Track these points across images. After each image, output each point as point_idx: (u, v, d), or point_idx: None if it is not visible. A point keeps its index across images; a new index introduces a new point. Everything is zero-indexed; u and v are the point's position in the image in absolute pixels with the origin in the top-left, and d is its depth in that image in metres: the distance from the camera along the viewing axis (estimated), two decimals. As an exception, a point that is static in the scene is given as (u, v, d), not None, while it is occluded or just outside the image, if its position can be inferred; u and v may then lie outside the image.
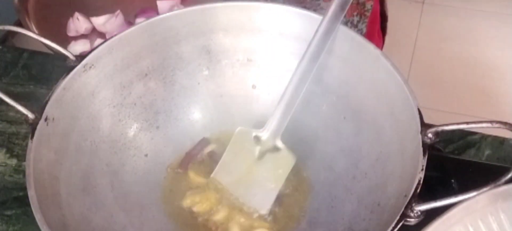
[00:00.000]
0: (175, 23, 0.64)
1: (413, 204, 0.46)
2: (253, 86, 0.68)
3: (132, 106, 0.65)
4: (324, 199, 0.61)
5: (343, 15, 0.59)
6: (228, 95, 0.68)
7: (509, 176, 0.45)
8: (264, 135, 0.61)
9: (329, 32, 0.59)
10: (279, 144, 0.61)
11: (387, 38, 1.05)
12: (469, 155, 0.69)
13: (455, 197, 0.45)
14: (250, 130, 0.62)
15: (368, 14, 0.93)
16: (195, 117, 0.68)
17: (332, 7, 0.58)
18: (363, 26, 0.93)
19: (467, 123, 0.51)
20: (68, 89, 0.58)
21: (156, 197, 0.63)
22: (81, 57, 0.60)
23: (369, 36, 0.95)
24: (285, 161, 0.60)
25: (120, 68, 0.63)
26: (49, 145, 0.56)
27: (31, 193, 0.50)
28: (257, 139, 0.61)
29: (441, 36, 1.88)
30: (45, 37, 0.61)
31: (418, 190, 0.47)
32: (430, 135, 0.51)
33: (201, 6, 0.65)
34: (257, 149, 0.61)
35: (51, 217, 0.50)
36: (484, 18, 1.94)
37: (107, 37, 0.61)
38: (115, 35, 0.62)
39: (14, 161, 0.71)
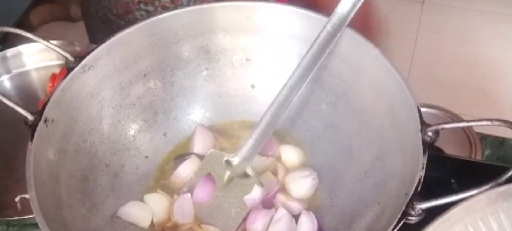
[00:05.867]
0: (174, 23, 0.64)
1: (415, 202, 0.46)
2: (252, 86, 0.68)
3: (131, 107, 0.65)
4: (324, 198, 0.61)
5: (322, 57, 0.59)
6: (227, 95, 0.68)
7: (508, 174, 0.45)
8: (235, 160, 0.61)
9: (310, 68, 0.59)
10: (249, 170, 0.60)
11: (387, 38, 1.05)
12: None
13: (456, 195, 0.45)
14: (222, 153, 0.62)
15: None
16: (195, 117, 0.68)
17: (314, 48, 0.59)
18: None
19: (467, 121, 0.51)
20: (67, 90, 0.58)
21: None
22: (80, 58, 0.60)
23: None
24: (252, 188, 0.60)
25: (119, 69, 0.63)
26: (48, 146, 0.56)
27: (32, 195, 0.50)
28: (228, 163, 0.61)
29: (441, 36, 1.88)
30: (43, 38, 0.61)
31: (419, 188, 0.47)
32: (430, 133, 0.50)
33: (200, 6, 0.65)
34: (227, 174, 0.61)
35: (52, 218, 0.50)
36: (484, 18, 1.94)
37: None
38: (114, 36, 0.62)
39: (13, 162, 0.71)
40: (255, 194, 0.59)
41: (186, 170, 0.63)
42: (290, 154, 0.64)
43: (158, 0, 0.82)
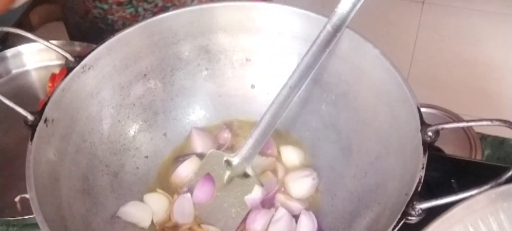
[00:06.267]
0: (174, 23, 0.64)
1: (415, 202, 0.46)
2: (252, 86, 0.68)
3: (131, 107, 0.65)
4: (324, 198, 0.61)
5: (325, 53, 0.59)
6: (227, 95, 0.68)
7: (508, 174, 0.45)
8: (235, 160, 0.61)
9: (310, 68, 0.59)
10: (249, 170, 0.60)
11: (387, 38, 1.05)
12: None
13: (456, 195, 0.45)
14: (222, 153, 0.62)
15: None
16: (194, 117, 0.68)
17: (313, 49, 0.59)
18: None
19: (467, 121, 0.51)
20: (67, 90, 0.58)
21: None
22: (80, 58, 0.60)
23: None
24: (253, 188, 0.60)
25: (119, 69, 0.63)
26: (48, 146, 0.56)
27: (32, 195, 0.50)
28: (228, 163, 0.61)
29: (441, 36, 1.88)
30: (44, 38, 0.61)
31: (419, 188, 0.47)
32: (430, 133, 0.50)
33: (200, 6, 0.65)
34: (227, 174, 0.61)
35: (52, 218, 0.50)
36: (484, 18, 1.94)
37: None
38: (114, 36, 0.62)
39: (13, 162, 0.71)
40: (256, 194, 0.59)
41: (186, 170, 0.63)
42: (290, 154, 0.64)
43: None
